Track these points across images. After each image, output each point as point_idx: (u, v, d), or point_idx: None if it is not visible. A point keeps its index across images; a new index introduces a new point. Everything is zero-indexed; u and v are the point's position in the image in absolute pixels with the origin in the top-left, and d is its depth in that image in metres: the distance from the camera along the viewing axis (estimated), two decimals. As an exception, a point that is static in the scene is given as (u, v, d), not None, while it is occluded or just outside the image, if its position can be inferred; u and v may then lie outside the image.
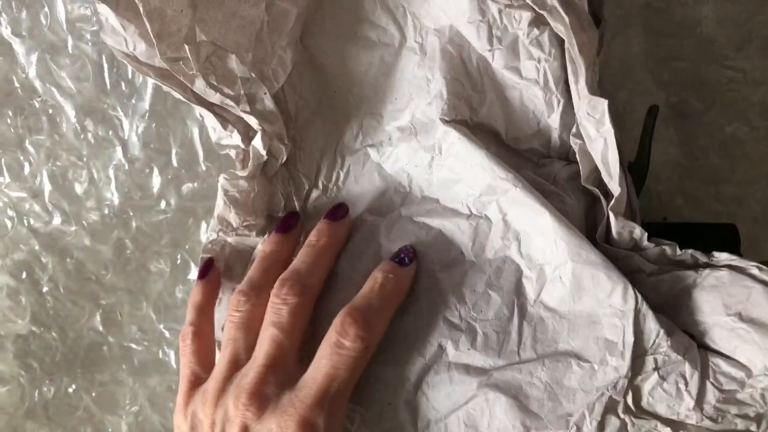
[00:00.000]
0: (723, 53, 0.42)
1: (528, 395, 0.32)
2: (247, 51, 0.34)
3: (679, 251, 0.33)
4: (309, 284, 0.34)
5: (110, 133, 0.43)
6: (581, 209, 0.35)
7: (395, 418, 0.34)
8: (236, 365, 0.33)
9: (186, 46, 0.33)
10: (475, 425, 0.33)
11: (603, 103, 0.32)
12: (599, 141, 0.33)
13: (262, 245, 0.37)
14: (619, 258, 0.34)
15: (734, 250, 0.37)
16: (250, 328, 0.34)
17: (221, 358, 0.34)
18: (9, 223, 0.45)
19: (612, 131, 0.32)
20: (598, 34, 0.35)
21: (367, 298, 0.33)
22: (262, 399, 0.31)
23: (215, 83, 0.34)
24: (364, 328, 0.31)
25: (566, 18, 0.32)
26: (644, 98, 0.43)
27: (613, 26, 0.42)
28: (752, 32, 0.42)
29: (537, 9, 0.33)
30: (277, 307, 0.33)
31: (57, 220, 0.45)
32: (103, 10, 0.32)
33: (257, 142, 0.35)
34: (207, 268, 0.37)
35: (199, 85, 0.34)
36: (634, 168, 0.39)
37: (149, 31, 0.32)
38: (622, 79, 0.43)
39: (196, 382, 0.34)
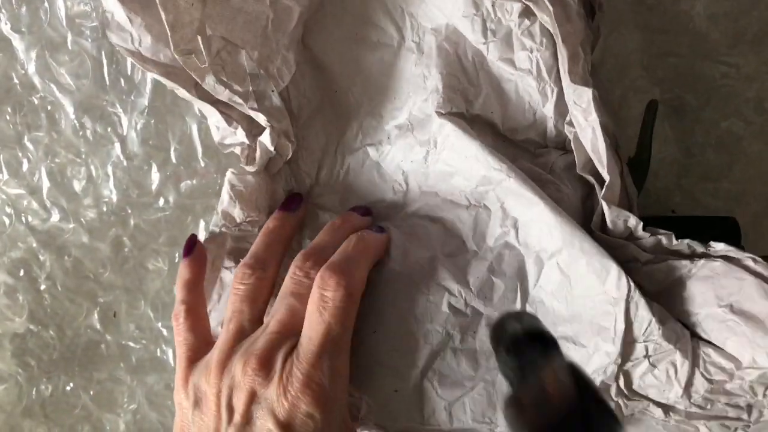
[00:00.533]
0: (716, 49, 0.42)
1: None
2: (253, 48, 0.35)
3: (675, 241, 0.33)
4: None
5: (109, 129, 0.43)
6: (578, 198, 0.36)
7: (402, 405, 0.34)
8: (241, 336, 0.33)
9: (198, 37, 0.33)
10: (482, 411, 0.33)
11: (587, 92, 0.32)
12: (588, 129, 0.33)
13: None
14: (615, 247, 0.34)
15: (735, 243, 0.38)
16: (255, 301, 0.34)
17: (225, 330, 0.33)
18: (7, 221, 0.45)
19: (598, 120, 0.32)
20: (593, 24, 0.36)
21: (342, 252, 0.33)
22: (272, 364, 0.30)
23: (225, 79, 0.34)
24: (343, 275, 0.32)
25: (551, 8, 0.32)
26: (639, 95, 0.43)
27: (607, 23, 0.42)
28: (745, 28, 0.42)
29: (524, 0, 0.33)
30: (299, 279, 0.33)
31: (55, 218, 0.45)
32: (110, 5, 0.32)
33: (265, 138, 0.36)
34: (191, 246, 0.36)
35: (209, 81, 0.34)
36: (634, 162, 0.39)
37: (164, 20, 0.32)
38: (617, 75, 0.43)
39: (195, 357, 0.34)
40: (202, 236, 0.43)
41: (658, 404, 0.33)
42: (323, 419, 0.29)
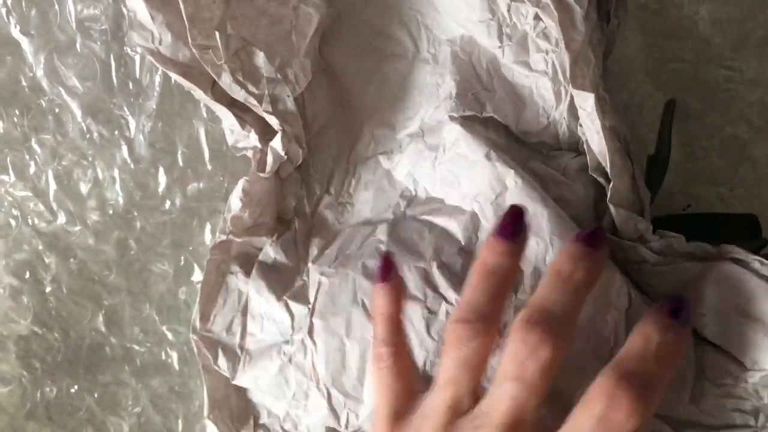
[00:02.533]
0: (720, 53, 0.43)
1: None
2: (274, 52, 0.35)
3: (685, 244, 0.33)
4: (565, 333, 0.27)
5: (116, 132, 0.44)
6: (590, 200, 0.36)
7: None
8: (458, 411, 0.27)
9: (216, 33, 0.34)
10: None
11: (591, 97, 0.33)
12: (594, 133, 0.33)
13: (481, 251, 0.30)
14: (625, 249, 0.34)
15: (757, 237, 0.38)
16: (477, 368, 0.28)
17: (438, 398, 0.28)
18: (13, 222, 0.45)
19: (600, 125, 0.33)
20: (608, 28, 0.36)
21: (641, 359, 0.25)
22: None
23: (241, 79, 0.35)
24: (640, 400, 0.24)
25: (556, 14, 0.33)
26: (643, 100, 0.43)
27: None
28: (749, 32, 0.42)
29: (532, 5, 0.34)
30: (522, 360, 0.26)
31: (61, 220, 0.45)
32: (133, 4, 0.33)
33: (276, 142, 0.36)
34: (388, 268, 0.31)
35: (225, 80, 0.34)
36: (654, 161, 0.39)
37: (183, 12, 0.33)
38: (621, 80, 0.43)
39: (402, 411, 0.29)
40: (207, 239, 0.44)
41: (665, 419, 0.32)
42: None
